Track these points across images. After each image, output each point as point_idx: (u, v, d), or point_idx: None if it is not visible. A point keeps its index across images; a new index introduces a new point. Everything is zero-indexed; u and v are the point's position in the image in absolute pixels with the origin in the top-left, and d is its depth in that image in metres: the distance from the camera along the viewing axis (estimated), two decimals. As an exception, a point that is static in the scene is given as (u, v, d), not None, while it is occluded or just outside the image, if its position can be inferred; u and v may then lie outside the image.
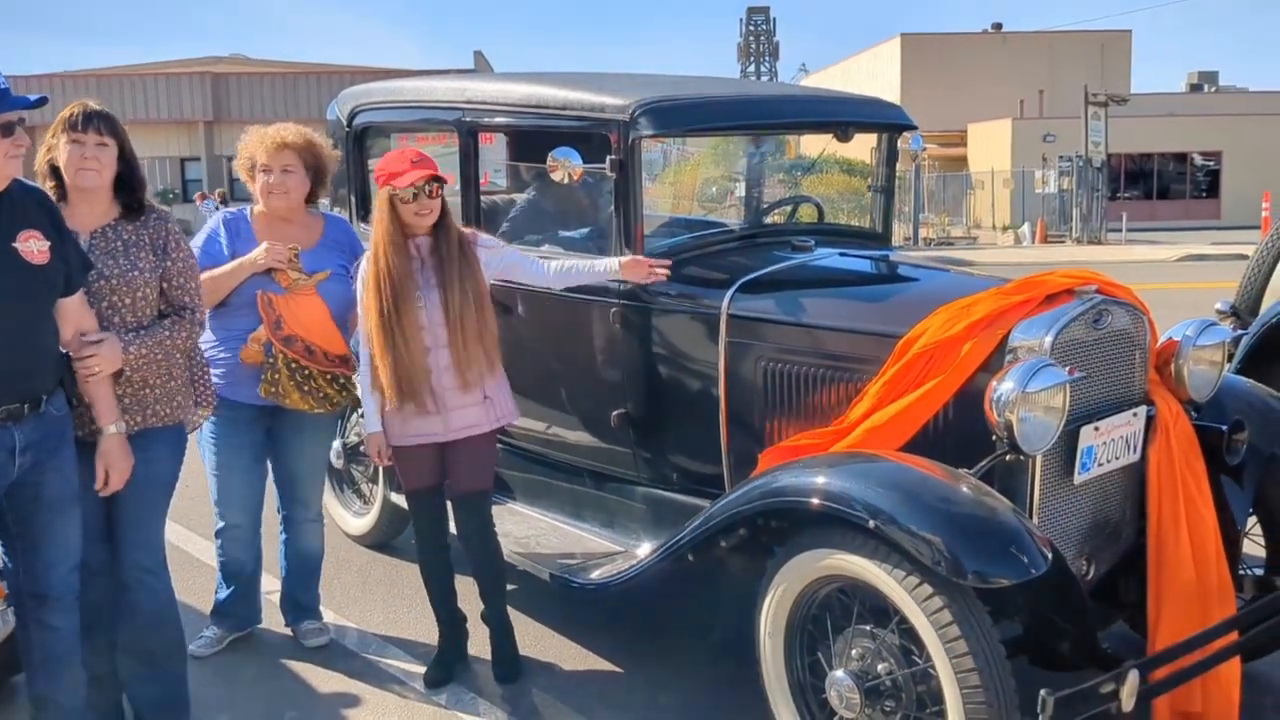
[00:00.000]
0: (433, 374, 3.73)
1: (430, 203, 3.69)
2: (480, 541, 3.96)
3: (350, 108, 5.19)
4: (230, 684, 4.04)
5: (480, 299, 3.75)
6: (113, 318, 3.32)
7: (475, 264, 3.77)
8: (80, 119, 3.29)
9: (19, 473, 3.03)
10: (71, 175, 3.30)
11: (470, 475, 3.89)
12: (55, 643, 3.25)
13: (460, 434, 3.81)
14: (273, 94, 33.46)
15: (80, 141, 3.28)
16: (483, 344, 3.74)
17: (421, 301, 3.71)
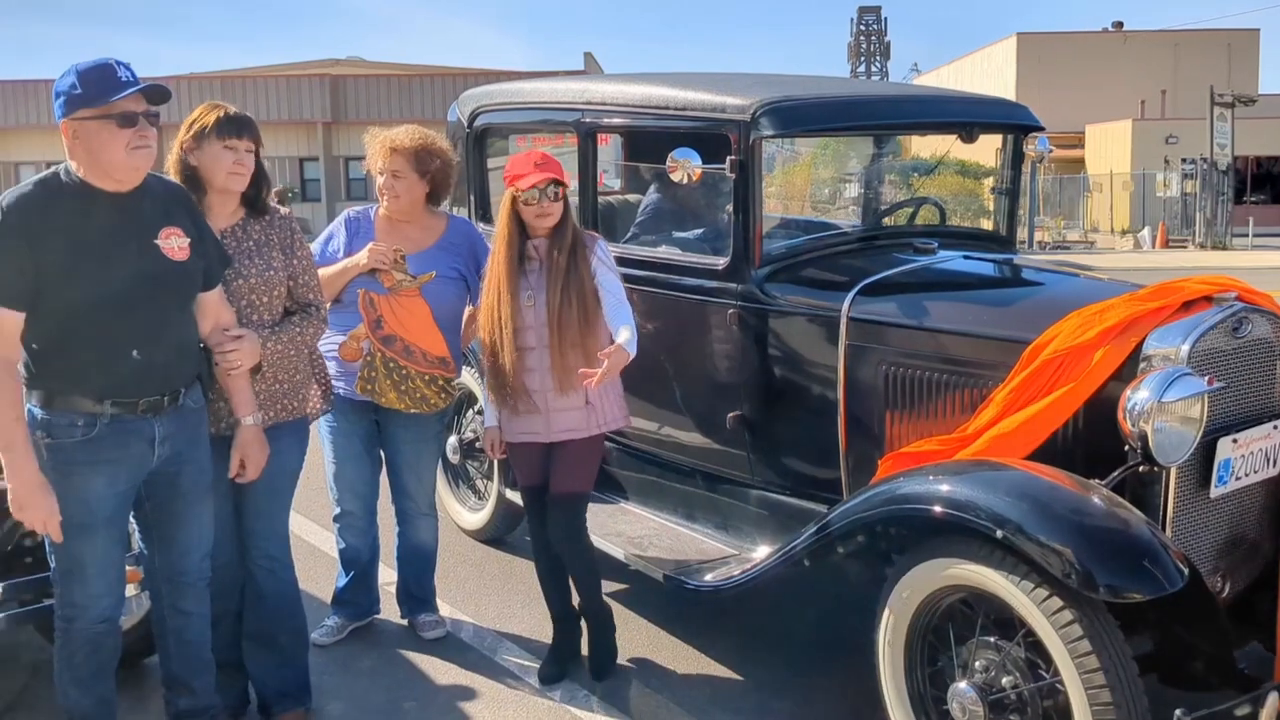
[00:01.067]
0: (535, 375, 3.76)
1: (551, 205, 3.72)
2: (568, 543, 3.94)
3: (471, 109, 5.26)
4: (349, 673, 4.12)
5: (586, 307, 3.74)
6: (251, 316, 3.42)
7: (586, 271, 3.77)
8: (235, 124, 3.39)
9: (158, 463, 3.14)
10: (222, 179, 3.40)
11: (565, 477, 3.88)
12: (187, 627, 3.36)
13: (561, 436, 3.84)
14: (388, 95, 34.11)
15: (233, 147, 3.38)
16: (583, 351, 3.72)
17: (531, 302, 3.74)
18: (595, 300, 3.77)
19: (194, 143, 3.40)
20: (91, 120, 2.91)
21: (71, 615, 3.12)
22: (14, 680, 3.99)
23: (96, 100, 2.90)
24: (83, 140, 2.94)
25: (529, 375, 3.77)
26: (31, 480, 2.95)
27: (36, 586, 3.36)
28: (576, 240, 3.79)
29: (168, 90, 3.02)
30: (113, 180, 3.00)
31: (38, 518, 2.97)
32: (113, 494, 3.06)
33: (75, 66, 2.95)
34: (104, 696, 3.24)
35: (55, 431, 3.00)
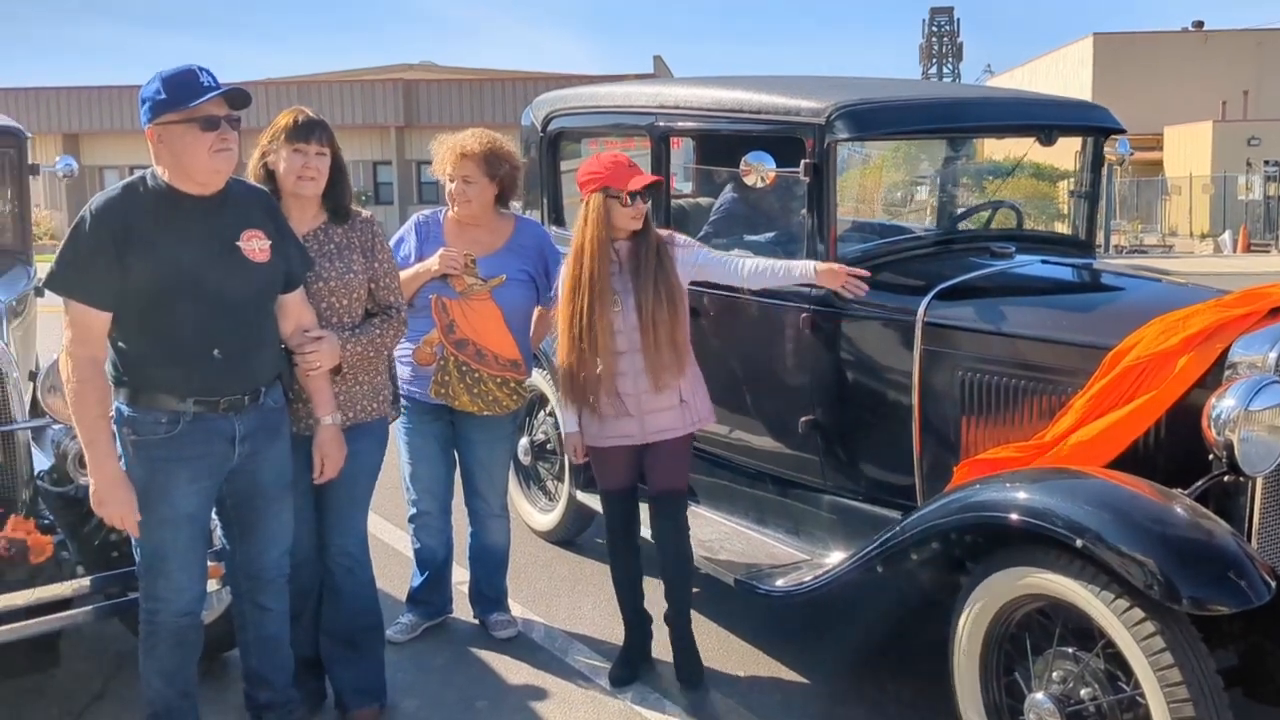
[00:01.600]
0: (628, 378, 3.76)
1: (644, 207, 3.75)
2: (674, 541, 3.97)
3: (545, 113, 5.30)
4: (423, 670, 4.17)
5: (674, 303, 3.76)
6: (331, 318, 3.48)
7: (671, 267, 3.78)
8: (304, 128, 3.45)
9: (239, 460, 3.21)
10: (292, 183, 3.47)
11: (667, 475, 3.90)
12: (267, 622, 3.43)
13: (656, 437, 3.84)
14: (460, 100, 34.47)
15: (303, 151, 3.45)
16: (675, 348, 3.75)
17: (618, 305, 3.74)
18: (682, 295, 3.80)
19: (270, 147, 3.48)
20: (176, 124, 2.98)
21: (155, 608, 3.20)
22: (101, 671, 4.10)
23: (180, 105, 2.97)
24: (167, 144, 3.02)
25: (621, 379, 3.76)
26: (112, 476, 3.03)
27: (123, 580, 3.43)
28: (658, 236, 3.82)
29: (248, 94, 3.09)
30: (196, 183, 3.07)
31: (116, 513, 3.06)
32: (195, 490, 3.14)
33: (160, 73, 3.03)
34: (186, 689, 3.31)
35: (140, 429, 3.08)
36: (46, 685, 3.91)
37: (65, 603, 3.40)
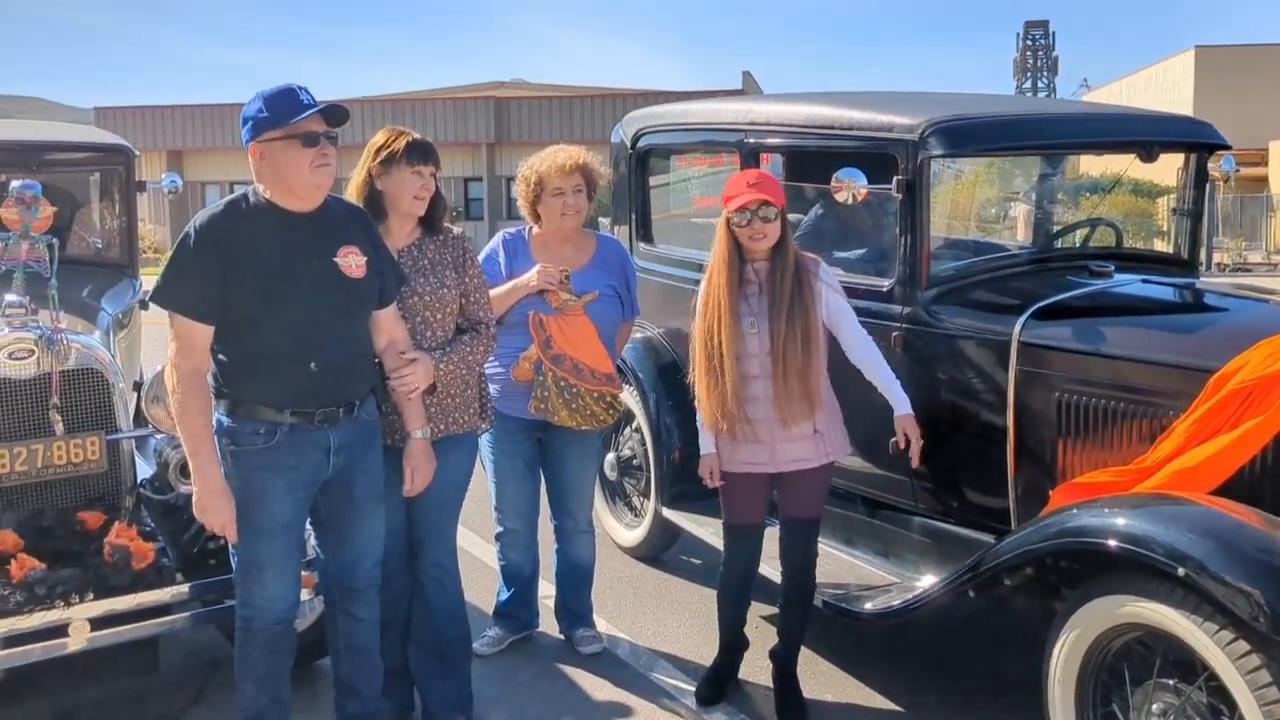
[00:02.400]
0: (760, 404, 3.66)
1: (764, 226, 3.60)
2: (801, 571, 3.85)
3: (635, 130, 5.33)
4: (509, 683, 4.20)
5: (809, 334, 3.60)
6: (424, 332, 3.54)
7: (810, 297, 3.62)
8: (422, 151, 3.53)
9: (333, 471, 3.26)
10: (408, 204, 3.54)
11: (800, 504, 3.78)
12: (358, 632, 3.48)
13: (788, 467, 3.72)
14: (550, 117, 34.84)
15: (420, 173, 3.52)
16: (805, 382, 3.59)
17: (755, 329, 3.63)
18: (818, 329, 3.64)
19: (382, 168, 3.53)
20: (278, 141, 3.06)
21: (250, 615, 3.27)
22: (198, 676, 4.20)
23: (281, 122, 3.05)
24: (269, 161, 3.09)
25: (752, 404, 3.65)
26: (214, 485, 3.11)
27: (220, 588, 3.51)
28: (799, 264, 3.66)
29: (346, 111, 3.16)
30: (297, 199, 3.14)
31: (216, 521, 3.13)
32: (291, 500, 3.20)
33: (260, 93, 3.11)
34: (278, 695, 3.37)
35: (239, 439, 3.15)
36: (146, 688, 4.02)
37: (165, 608, 3.49)
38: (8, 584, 3.26)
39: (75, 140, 5.61)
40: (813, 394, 3.62)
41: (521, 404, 4.13)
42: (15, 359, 3.56)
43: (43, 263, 3.62)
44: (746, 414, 3.66)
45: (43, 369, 3.60)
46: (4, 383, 3.56)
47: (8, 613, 3.21)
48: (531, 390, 4.09)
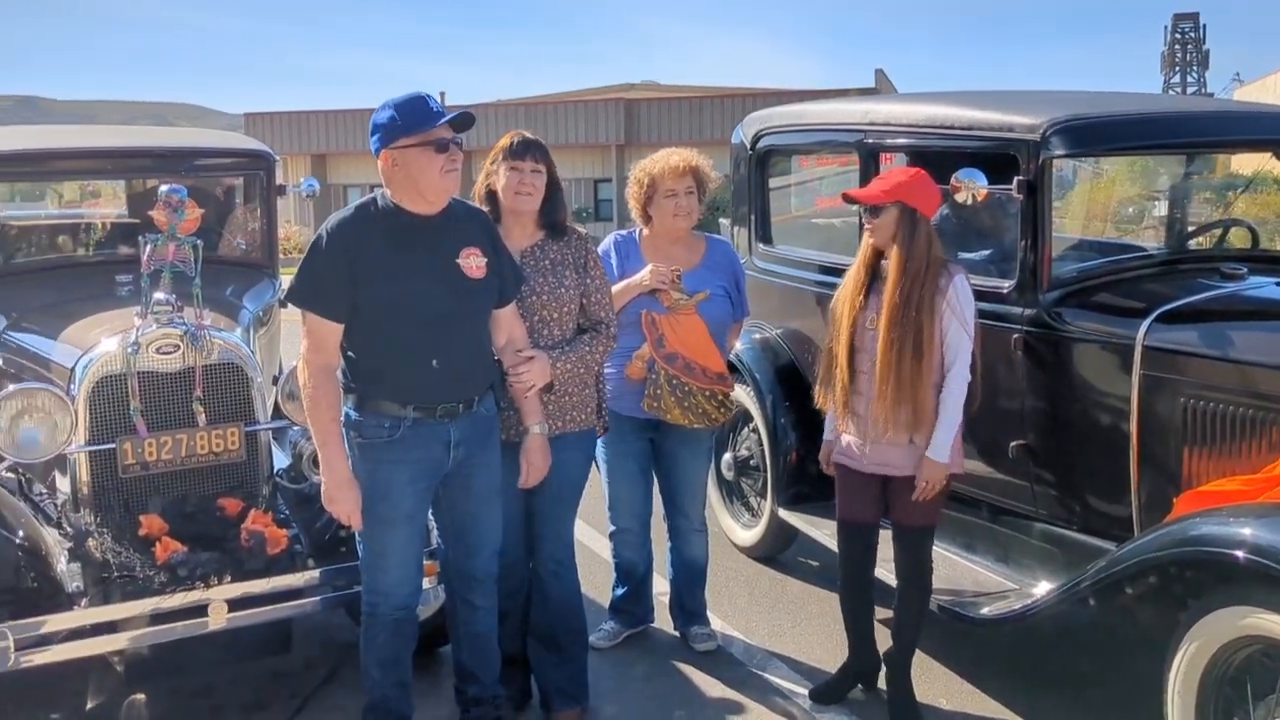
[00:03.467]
0: (862, 400, 3.67)
1: (874, 221, 3.61)
2: (912, 579, 3.81)
3: (755, 131, 5.35)
4: (623, 677, 4.27)
5: (921, 344, 3.51)
6: (542, 331, 3.63)
7: (931, 303, 3.54)
8: (519, 148, 3.62)
9: (453, 465, 3.38)
10: (509, 199, 3.65)
11: (903, 510, 3.73)
12: (477, 620, 3.59)
13: (877, 469, 3.71)
14: (680, 118, 34.92)
15: (518, 169, 3.62)
16: (914, 392, 3.53)
17: (872, 325, 3.63)
18: (935, 340, 3.55)
19: (493, 168, 3.67)
20: (411, 148, 3.18)
21: (375, 601, 3.41)
22: (328, 658, 4.38)
23: (414, 129, 3.18)
24: (402, 166, 3.22)
25: (856, 399, 3.69)
26: (341, 477, 3.26)
27: (348, 574, 3.65)
28: (929, 271, 3.55)
29: (473, 117, 3.27)
30: (425, 202, 3.27)
31: (343, 510, 3.28)
32: (413, 491, 3.33)
33: (390, 101, 3.24)
34: (401, 679, 3.51)
35: (365, 432, 3.29)
36: (280, 669, 4.20)
37: (297, 592, 3.65)
38: (153, 565, 3.46)
39: (220, 146, 5.89)
40: (921, 407, 3.55)
41: (634, 403, 4.19)
42: (162, 353, 3.77)
43: (188, 263, 3.82)
44: (853, 407, 3.69)
45: (187, 363, 3.81)
46: (151, 376, 3.78)
47: (152, 592, 3.41)
48: (644, 389, 4.16)
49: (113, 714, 3.86)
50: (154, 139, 5.96)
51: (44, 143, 5.53)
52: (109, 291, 4.48)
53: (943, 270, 3.60)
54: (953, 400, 3.60)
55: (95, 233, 6.07)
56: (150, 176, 5.47)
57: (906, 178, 3.69)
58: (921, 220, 3.60)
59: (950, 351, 3.59)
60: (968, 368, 3.60)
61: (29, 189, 6.84)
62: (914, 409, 3.55)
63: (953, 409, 3.60)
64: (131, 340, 3.73)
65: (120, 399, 3.75)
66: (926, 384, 3.56)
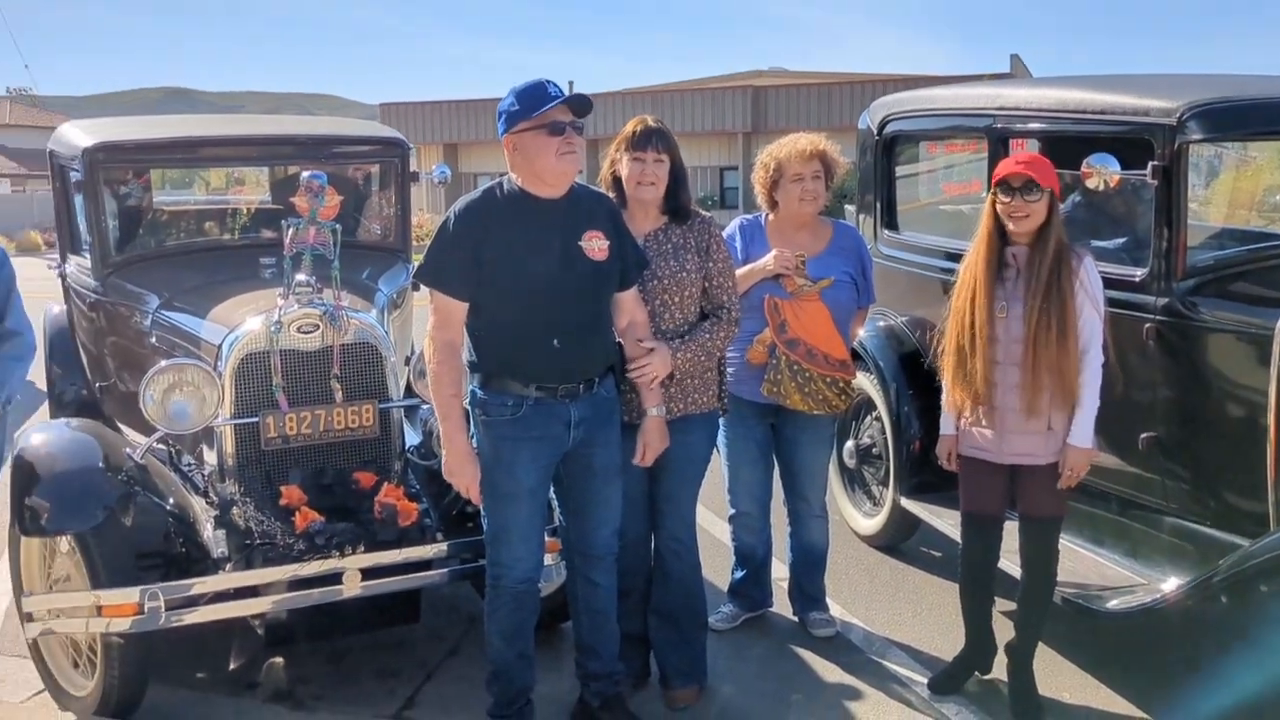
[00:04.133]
0: (998, 390, 3.62)
1: (1025, 205, 3.52)
2: (1036, 568, 3.76)
3: (881, 117, 5.31)
4: (741, 659, 4.31)
5: (1065, 326, 3.48)
6: (664, 314, 3.69)
7: (1069, 287, 3.51)
8: (642, 137, 3.68)
9: (573, 444, 3.47)
10: (632, 188, 3.71)
11: (1034, 502, 3.70)
12: (597, 597, 3.68)
13: (1013, 459, 3.67)
14: (807, 105, 34.62)
15: (641, 159, 3.67)
16: (1062, 376, 3.51)
17: (1003, 313, 3.59)
18: (1075, 321, 3.52)
19: (617, 155, 3.73)
20: (527, 132, 3.28)
21: (498, 574, 3.52)
22: (454, 629, 4.53)
23: (530, 113, 3.28)
24: (521, 150, 3.32)
25: (991, 389, 3.63)
26: (461, 450, 3.38)
27: (474, 548, 3.77)
28: (1062, 253, 3.54)
29: (589, 101, 3.35)
30: (545, 185, 3.36)
31: (461, 483, 3.42)
32: (535, 468, 3.43)
33: (513, 88, 3.35)
34: (523, 651, 3.61)
35: (490, 410, 3.40)
36: (409, 637, 4.37)
37: (426, 564, 3.78)
38: (292, 533, 3.63)
39: (358, 134, 6.09)
40: (1069, 388, 3.52)
41: (755, 387, 4.22)
42: (303, 332, 3.95)
43: (328, 246, 3.98)
44: (988, 398, 3.63)
45: (326, 342, 3.97)
46: (293, 354, 3.95)
47: (291, 559, 3.58)
48: (765, 373, 4.18)
49: (253, 674, 4.07)
50: (296, 127, 6.21)
51: (194, 131, 5.80)
52: (254, 273, 4.69)
53: (1072, 253, 3.57)
54: (1091, 383, 3.57)
55: (240, 217, 6.35)
56: (292, 163, 5.70)
57: (1045, 163, 3.62)
58: (1056, 202, 3.59)
59: (1085, 333, 3.55)
60: (1100, 351, 3.57)
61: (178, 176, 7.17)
62: (1062, 393, 3.53)
63: (1091, 393, 3.57)
64: (274, 319, 3.91)
65: (263, 375, 3.93)
66: (1072, 367, 3.53)
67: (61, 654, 3.92)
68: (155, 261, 5.29)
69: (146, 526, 3.72)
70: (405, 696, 4.02)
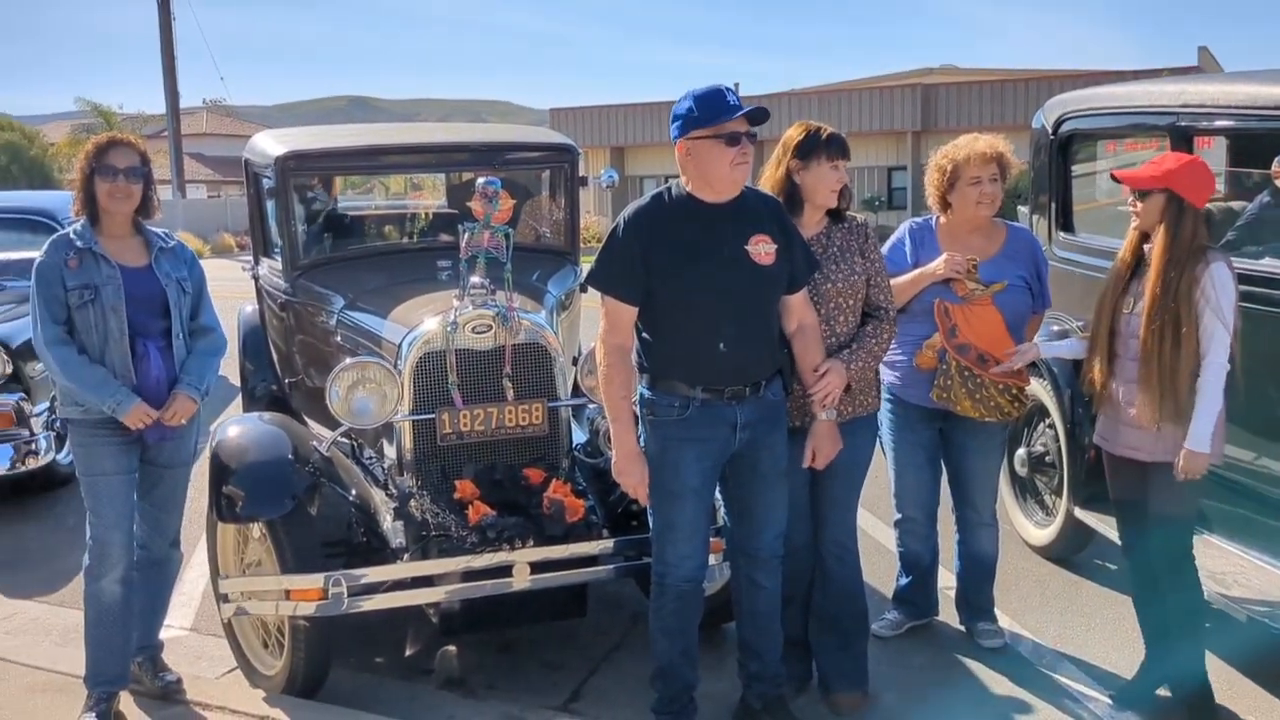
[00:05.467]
0: (1117, 381, 3.66)
1: (1144, 206, 3.57)
2: (1165, 573, 3.70)
3: (1056, 115, 5.16)
4: (905, 668, 4.26)
5: (1180, 330, 3.46)
6: (837, 317, 3.70)
7: (1190, 294, 3.47)
8: (840, 146, 3.67)
9: (739, 445, 3.50)
10: (823, 196, 3.70)
11: (1157, 498, 3.66)
12: (760, 599, 3.69)
13: (1124, 452, 3.71)
14: (980, 103, 33.70)
15: (838, 166, 3.68)
16: (1174, 383, 3.47)
17: (1128, 309, 3.63)
18: (1189, 332, 3.46)
19: (801, 163, 3.70)
20: (704, 139, 3.31)
21: (663, 572, 3.57)
22: (619, 624, 4.61)
23: (709, 122, 3.30)
24: (695, 157, 3.35)
25: (1111, 379, 3.68)
26: (630, 450, 3.44)
27: (639, 546, 3.83)
28: (1188, 258, 3.49)
29: (768, 112, 3.36)
30: (714, 192, 3.40)
31: (630, 483, 3.48)
32: (700, 468, 3.46)
33: (691, 92, 3.37)
34: (687, 649, 3.65)
35: (657, 410, 3.46)
36: (575, 631, 4.47)
37: (592, 559, 3.86)
38: (465, 526, 3.76)
39: (530, 141, 6.26)
40: (1178, 396, 3.49)
41: (923, 391, 4.16)
42: (477, 333, 4.08)
43: (501, 249, 4.11)
44: (1111, 390, 3.67)
45: (498, 342, 4.10)
46: (467, 353, 4.09)
47: (464, 551, 3.71)
48: (934, 378, 4.12)
49: (427, 661, 4.23)
50: (470, 135, 6.41)
51: (376, 140, 6.07)
52: (431, 275, 4.87)
53: (1200, 259, 3.49)
54: (1209, 390, 3.51)
55: (418, 222, 6.60)
56: (467, 169, 5.89)
57: (1178, 164, 3.56)
58: (1189, 209, 3.51)
59: (1204, 341, 3.49)
60: (1225, 358, 3.50)
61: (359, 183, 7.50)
62: (1173, 398, 3.49)
63: (1209, 399, 3.51)
64: (450, 320, 4.06)
65: (440, 373, 4.08)
66: (1184, 373, 3.48)
67: (253, 634, 4.16)
68: (340, 264, 5.55)
69: (331, 516, 3.92)
70: (571, 689, 4.12)
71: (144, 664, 4.03)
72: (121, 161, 3.70)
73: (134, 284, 3.73)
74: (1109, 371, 3.69)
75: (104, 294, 3.67)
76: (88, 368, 3.66)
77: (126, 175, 3.70)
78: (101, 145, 3.74)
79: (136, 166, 3.73)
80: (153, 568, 3.98)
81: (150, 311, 3.77)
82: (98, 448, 3.73)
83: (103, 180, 3.69)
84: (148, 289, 3.76)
